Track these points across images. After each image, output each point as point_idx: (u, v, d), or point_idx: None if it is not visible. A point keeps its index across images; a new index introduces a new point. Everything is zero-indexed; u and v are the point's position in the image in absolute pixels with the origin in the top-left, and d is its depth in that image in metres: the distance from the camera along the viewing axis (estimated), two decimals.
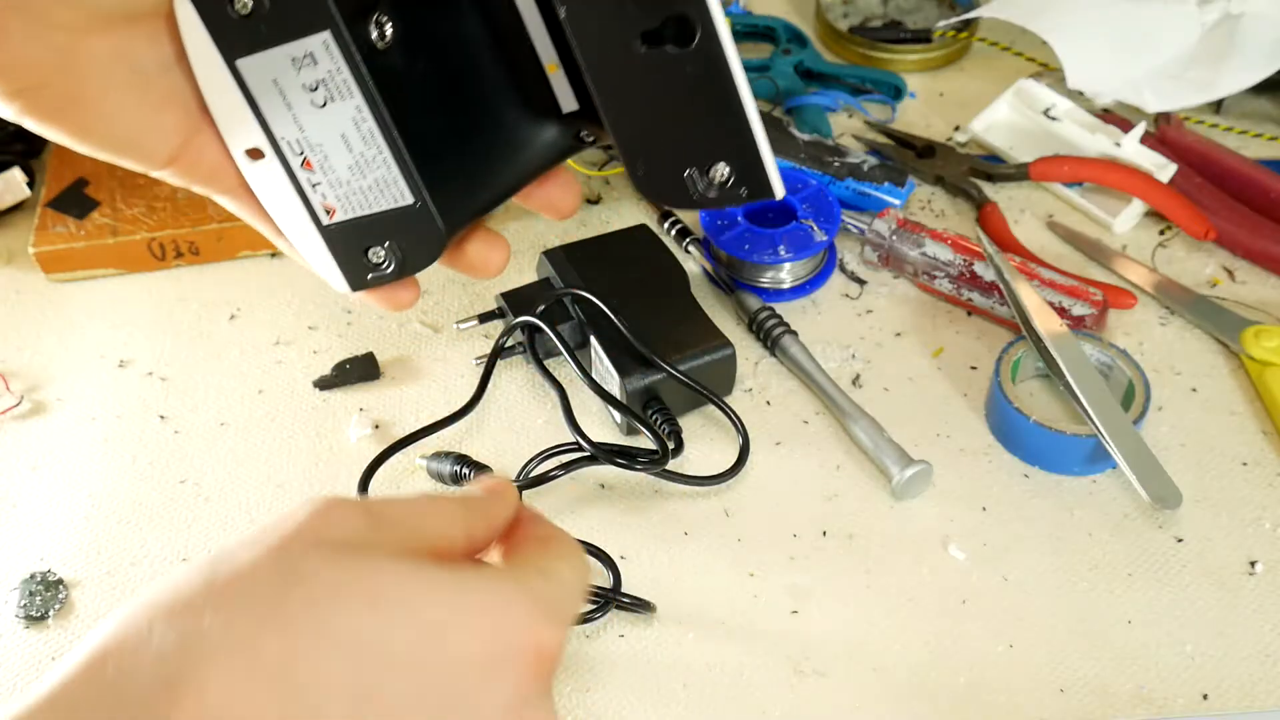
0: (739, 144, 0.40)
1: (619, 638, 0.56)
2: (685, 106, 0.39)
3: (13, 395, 0.68)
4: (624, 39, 0.38)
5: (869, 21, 0.93)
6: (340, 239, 0.43)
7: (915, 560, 0.59)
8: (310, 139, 0.42)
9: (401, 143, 0.40)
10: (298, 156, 0.43)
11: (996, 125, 0.83)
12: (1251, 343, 0.67)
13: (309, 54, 0.39)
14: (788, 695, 0.54)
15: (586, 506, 0.62)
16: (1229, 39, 0.78)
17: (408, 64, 0.40)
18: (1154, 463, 0.60)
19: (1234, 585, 0.57)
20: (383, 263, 0.43)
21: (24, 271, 0.75)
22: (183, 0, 0.39)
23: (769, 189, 0.40)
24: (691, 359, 0.64)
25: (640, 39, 0.38)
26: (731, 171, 0.41)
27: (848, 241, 0.76)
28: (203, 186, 0.45)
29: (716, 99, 0.39)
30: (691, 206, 0.42)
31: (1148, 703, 0.53)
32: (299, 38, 0.39)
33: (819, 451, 0.64)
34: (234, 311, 0.73)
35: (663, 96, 0.39)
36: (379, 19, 0.39)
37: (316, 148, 0.42)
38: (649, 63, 0.38)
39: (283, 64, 0.40)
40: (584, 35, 0.38)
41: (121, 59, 0.41)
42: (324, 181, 0.43)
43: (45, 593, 0.58)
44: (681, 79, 0.38)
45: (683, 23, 0.37)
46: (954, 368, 0.68)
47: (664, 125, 0.40)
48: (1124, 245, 0.76)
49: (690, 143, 0.40)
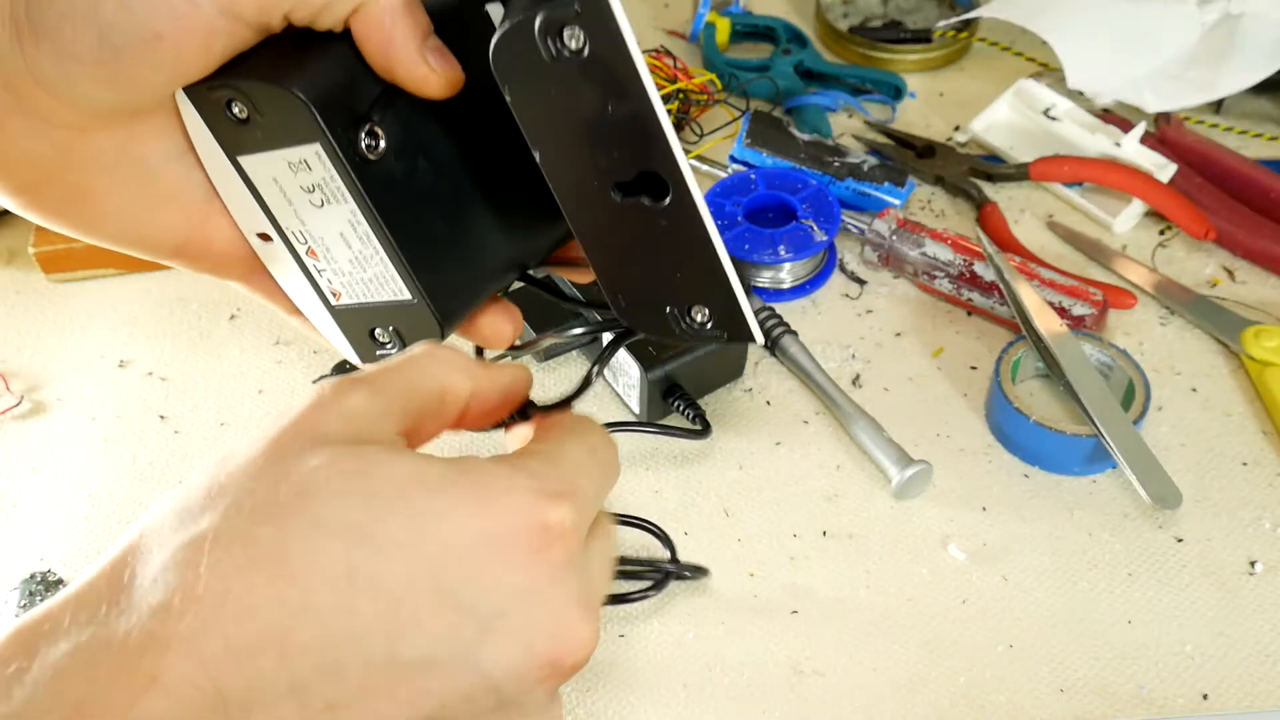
0: (716, 294, 0.41)
1: (619, 638, 0.56)
2: (662, 252, 0.40)
3: (13, 395, 0.68)
4: (599, 186, 0.38)
5: (869, 21, 0.93)
6: (347, 319, 0.45)
7: (915, 560, 0.59)
8: (312, 232, 0.43)
9: (397, 245, 0.41)
10: (303, 245, 0.44)
11: (996, 125, 0.83)
12: (1251, 343, 0.67)
13: (303, 160, 0.40)
14: (788, 695, 0.54)
15: None
16: (1229, 39, 0.78)
17: (402, 170, 0.41)
18: (1154, 463, 0.60)
19: (1234, 585, 0.57)
20: (389, 343, 0.45)
21: (24, 271, 0.75)
22: (185, 101, 0.40)
23: (749, 335, 0.41)
24: (703, 344, 0.64)
25: (615, 188, 0.38)
26: (711, 315, 0.42)
27: (848, 241, 0.76)
28: (212, 273, 0.46)
29: (692, 251, 0.40)
30: (676, 339, 0.43)
31: (1148, 703, 0.53)
32: (292, 145, 0.40)
33: (819, 451, 0.64)
34: (234, 311, 0.73)
35: (640, 240, 0.40)
36: (371, 130, 0.39)
37: (319, 240, 0.44)
38: (625, 209, 0.39)
39: (280, 166, 0.41)
40: (559, 179, 0.38)
41: (125, 154, 0.41)
42: (328, 269, 0.44)
43: (45, 593, 0.58)
44: (657, 228, 0.39)
45: (655, 178, 0.38)
46: (954, 368, 0.68)
47: (642, 266, 0.41)
48: (1124, 245, 0.76)
49: (669, 285, 0.41)
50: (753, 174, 0.75)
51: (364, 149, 0.39)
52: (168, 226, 0.44)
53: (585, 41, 0.35)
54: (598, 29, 0.34)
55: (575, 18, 0.34)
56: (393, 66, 0.39)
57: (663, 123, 0.36)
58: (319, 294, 0.45)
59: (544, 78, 0.36)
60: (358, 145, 0.39)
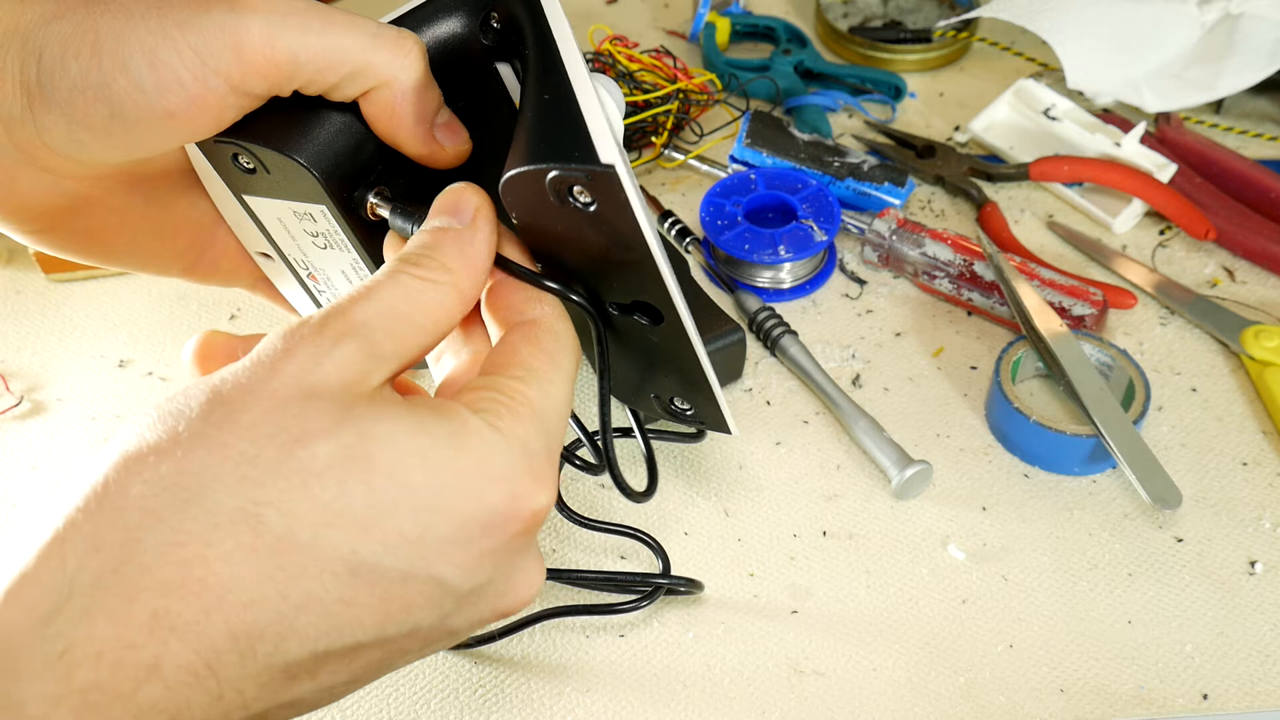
0: (699, 398, 0.44)
1: (619, 638, 0.56)
2: (653, 357, 0.42)
3: (13, 395, 0.68)
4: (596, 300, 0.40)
5: (869, 21, 0.93)
6: None
7: (915, 560, 0.59)
8: (314, 264, 0.44)
9: None
10: (305, 270, 0.45)
11: (996, 125, 0.83)
12: (1251, 343, 0.67)
13: (308, 213, 0.40)
14: (788, 695, 0.54)
15: (588, 507, 0.62)
16: (1229, 39, 0.78)
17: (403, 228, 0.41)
18: (1154, 463, 0.60)
19: (1234, 585, 0.57)
20: None
21: (24, 271, 0.75)
22: (193, 148, 0.41)
23: (726, 429, 0.44)
24: (705, 344, 0.64)
25: (612, 305, 0.40)
26: (693, 408, 0.44)
27: (848, 241, 0.76)
28: (221, 284, 0.47)
29: (681, 365, 0.42)
30: (657, 416, 0.46)
31: (1148, 703, 0.53)
32: (298, 201, 0.40)
33: (819, 451, 0.64)
34: (234, 311, 0.73)
35: (630, 344, 0.42)
36: (380, 193, 0.40)
37: (321, 270, 0.45)
38: (622, 320, 0.41)
39: (286, 211, 0.42)
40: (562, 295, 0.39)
41: (135, 196, 0.42)
42: (329, 292, 0.45)
43: None
44: (649, 341, 0.41)
45: (650, 307, 0.40)
46: (954, 368, 0.68)
47: (631, 361, 0.43)
48: (1124, 245, 0.76)
49: (657, 381, 0.44)
50: (753, 174, 0.75)
51: (370, 208, 0.40)
52: (178, 251, 0.45)
53: (593, 199, 0.35)
54: (606, 197, 0.35)
55: (585, 181, 0.34)
56: (402, 145, 0.40)
57: (662, 271, 0.37)
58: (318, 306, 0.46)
59: (550, 215, 0.36)
60: (364, 206, 0.40)
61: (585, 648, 0.56)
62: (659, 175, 0.81)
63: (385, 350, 0.33)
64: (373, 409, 0.31)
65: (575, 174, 0.34)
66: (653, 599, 0.56)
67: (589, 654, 0.56)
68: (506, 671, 0.55)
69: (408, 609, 0.31)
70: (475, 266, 0.35)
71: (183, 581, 0.28)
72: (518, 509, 0.32)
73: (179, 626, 0.28)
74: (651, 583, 0.56)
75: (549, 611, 0.56)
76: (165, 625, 0.28)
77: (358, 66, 0.37)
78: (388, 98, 0.38)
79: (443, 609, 0.32)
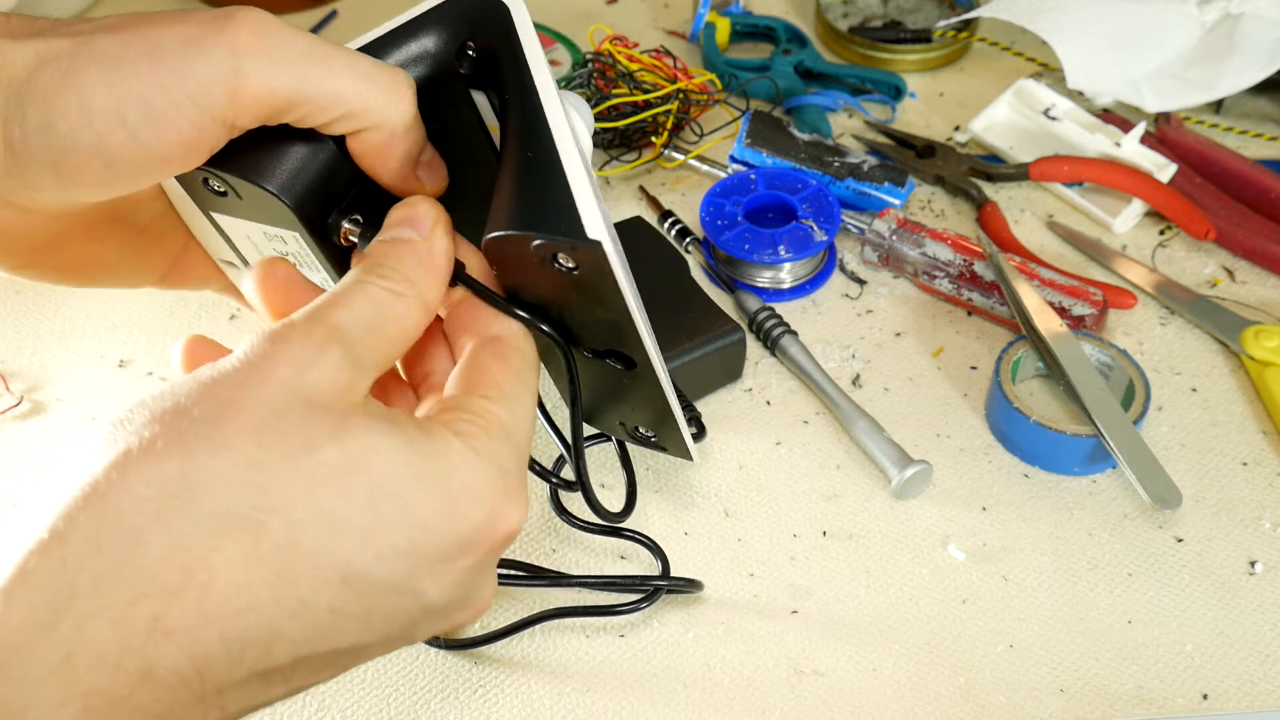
0: (665, 428, 0.45)
1: (619, 638, 0.56)
2: (624, 393, 0.43)
3: (13, 395, 0.68)
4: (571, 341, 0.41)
5: (869, 21, 0.93)
6: None
7: (915, 560, 0.59)
8: None
9: None
10: None
11: (996, 125, 0.83)
12: (1251, 343, 0.67)
13: (279, 235, 0.40)
14: (788, 695, 0.54)
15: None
16: (1229, 39, 0.78)
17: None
18: (1154, 463, 0.60)
19: (1234, 585, 0.57)
20: None
21: None
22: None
23: (688, 456, 0.46)
24: (703, 345, 0.64)
25: (588, 351, 0.41)
26: (657, 436, 0.46)
27: (848, 241, 0.76)
28: (193, 289, 0.48)
29: (652, 403, 0.43)
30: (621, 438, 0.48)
31: (1148, 703, 0.53)
32: (269, 225, 0.40)
33: (819, 451, 0.64)
34: (234, 311, 0.73)
35: (600, 379, 0.43)
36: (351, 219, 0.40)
37: None
38: (596, 362, 0.42)
39: (256, 231, 0.42)
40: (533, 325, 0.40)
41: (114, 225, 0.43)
42: None
43: None
44: (620, 381, 0.42)
45: (624, 355, 0.41)
46: (954, 368, 0.68)
47: (600, 390, 0.44)
48: (1124, 245, 0.76)
49: (627, 411, 0.45)
50: (753, 174, 0.75)
51: (343, 234, 0.40)
52: (152, 266, 0.46)
53: (577, 265, 0.36)
54: (591, 269, 0.36)
55: (572, 252, 0.35)
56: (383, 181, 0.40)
57: (640, 328, 0.38)
58: None
59: (532, 272, 0.37)
60: (337, 232, 0.40)
61: (585, 648, 0.56)
62: (659, 175, 0.81)
63: (365, 360, 0.33)
64: (369, 421, 0.32)
65: (562, 244, 0.35)
66: (653, 600, 0.56)
67: (589, 654, 0.56)
68: (506, 671, 0.55)
69: (387, 619, 0.32)
70: (437, 279, 0.36)
71: (184, 586, 0.28)
72: (495, 528, 0.34)
73: (176, 630, 0.28)
74: (651, 584, 0.56)
75: (549, 612, 0.56)
76: (162, 629, 0.28)
77: (353, 109, 0.37)
78: (378, 139, 0.38)
79: (414, 619, 0.33)
